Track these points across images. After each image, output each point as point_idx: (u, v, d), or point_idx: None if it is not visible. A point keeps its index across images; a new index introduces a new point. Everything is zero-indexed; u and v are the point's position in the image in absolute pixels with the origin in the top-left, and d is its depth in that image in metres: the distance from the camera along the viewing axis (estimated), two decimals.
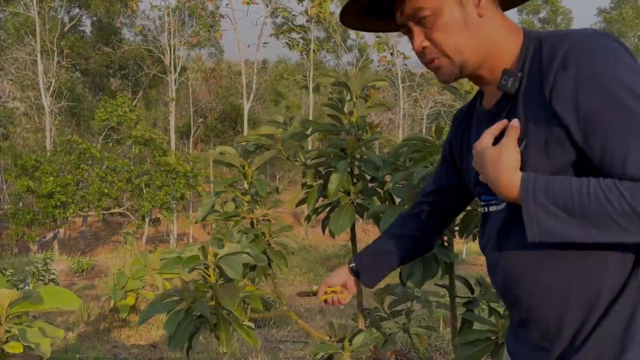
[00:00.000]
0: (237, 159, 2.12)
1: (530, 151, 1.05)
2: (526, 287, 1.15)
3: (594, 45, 0.98)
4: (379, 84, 2.23)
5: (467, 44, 1.11)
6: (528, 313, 1.17)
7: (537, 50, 1.07)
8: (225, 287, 1.68)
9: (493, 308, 1.93)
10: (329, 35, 30.35)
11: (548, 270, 1.09)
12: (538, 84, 1.03)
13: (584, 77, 0.96)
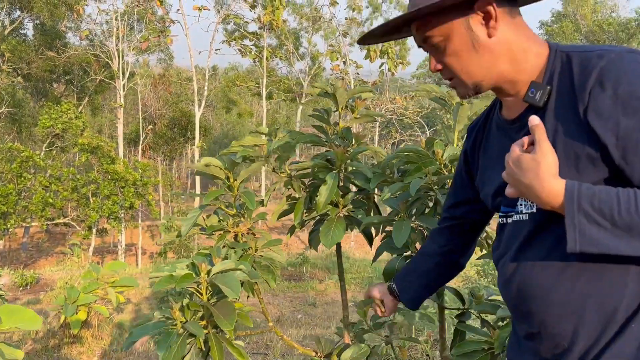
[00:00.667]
0: (221, 171, 2.05)
1: (560, 165, 1.03)
2: (541, 301, 1.13)
3: (629, 64, 0.99)
4: (365, 95, 2.21)
5: (478, 66, 1.12)
6: (540, 327, 1.16)
7: (566, 65, 1.07)
8: (219, 307, 1.61)
9: (485, 319, 1.93)
10: (281, 42, 30.33)
11: (566, 284, 1.08)
12: (570, 100, 1.03)
13: (623, 96, 0.96)
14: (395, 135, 29.37)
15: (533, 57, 1.11)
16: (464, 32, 1.10)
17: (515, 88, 1.14)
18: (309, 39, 33.08)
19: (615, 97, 0.97)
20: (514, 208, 1.17)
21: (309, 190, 2.16)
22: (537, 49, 1.12)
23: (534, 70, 1.11)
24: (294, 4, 32.14)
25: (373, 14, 32.01)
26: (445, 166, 1.91)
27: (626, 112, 0.96)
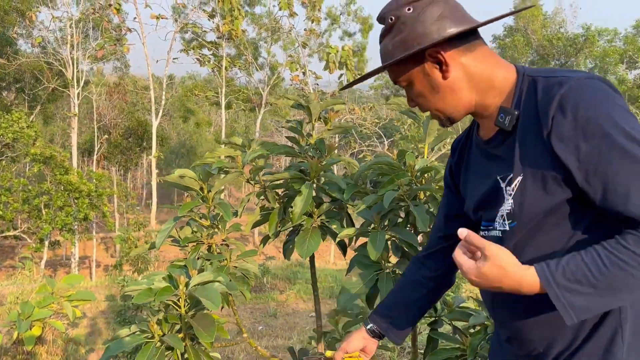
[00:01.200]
0: (196, 182, 2.05)
1: (528, 187, 1.13)
2: (515, 311, 1.21)
3: (588, 90, 1.06)
4: (337, 107, 2.25)
5: (443, 103, 1.23)
6: (517, 333, 1.23)
7: (532, 89, 1.14)
8: (198, 319, 1.60)
9: (456, 327, 1.99)
10: (240, 52, 30.23)
11: (538, 299, 1.14)
12: (535, 124, 1.11)
13: (582, 121, 1.03)
14: (354, 145, 29.64)
15: (499, 82, 1.19)
16: (422, 78, 1.21)
17: (487, 111, 1.22)
18: (268, 49, 33.09)
19: (575, 123, 1.04)
20: (493, 223, 1.23)
21: (283, 201, 2.17)
22: (504, 74, 1.20)
23: (503, 95, 1.19)
24: (252, 14, 32.14)
25: (331, 25, 32.29)
26: (417, 177, 1.96)
27: (585, 137, 1.03)
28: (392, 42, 1.21)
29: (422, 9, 1.17)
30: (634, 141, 1.00)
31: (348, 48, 25.17)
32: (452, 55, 1.17)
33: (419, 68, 1.20)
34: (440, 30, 1.16)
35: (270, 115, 39.45)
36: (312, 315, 13.72)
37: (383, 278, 1.86)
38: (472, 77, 1.19)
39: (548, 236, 1.14)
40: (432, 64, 1.19)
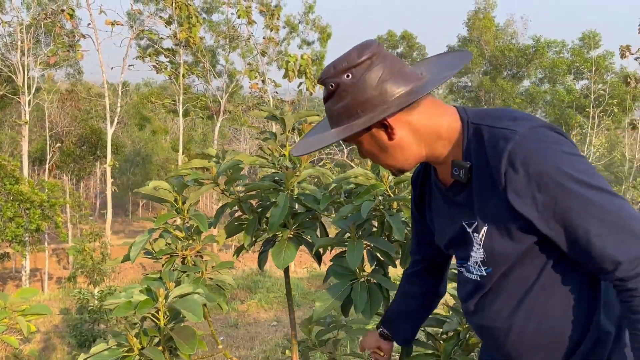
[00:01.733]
0: (170, 194, 2.04)
1: (495, 236, 1.18)
2: (502, 339, 1.28)
3: (533, 143, 1.09)
4: (311, 118, 2.28)
5: (393, 159, 1.26)
6: (506, 356, 1.30)
7: (479, 139, 1.18)
8: (178, 331, 1.60)
9: (430, 333, 2.04)
10: (198, 59, 29.96)
11: (520, 325, 1.23)
12: (489, 177, 1.15)
13: (534, 175, 1.08)
14: (314, 153, 29.75)
15: (445, 132, 1.22)
16: (370, 140, 1.24)
17: (439, 160, 1.26)
18: (226, 56, 32.89)
19: (528, 177, 1.08)
20: (466, 261, 1.30)
21: (257, 212, 2.19)
22: (448, 123, 1.22)
23: (451, 143, 1.22)
24: (210, 21, 31.91)
25: (290, 34, 32.40)
26: (391, 188, 2.01)
27: (540, 189, 1.08)
28: (335, 107, 1.21)
29: (360, 76, 1.17)
30: (583, 184, 1.06)
31: (307, 57, 25.31)
32: (397, 118, 1.18)
33: (366, 133, 1.22)
34: (383, 95, 1.16)
35: (228, 123, 39.18)
36: (274, 325, 13.65)
37: (357, 288, 1.89)
38: (418, 132, 1.21)
39: (522, 271, 1.20)
40: (378, 128, 1.20)
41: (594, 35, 31.40)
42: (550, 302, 1.19)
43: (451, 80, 36.14)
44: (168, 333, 1.63)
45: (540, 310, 1.20)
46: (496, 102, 32.24)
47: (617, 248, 1.04)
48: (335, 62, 1.20)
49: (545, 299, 1.19)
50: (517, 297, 1.22)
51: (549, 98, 32.01)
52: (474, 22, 34.06)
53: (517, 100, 32.14)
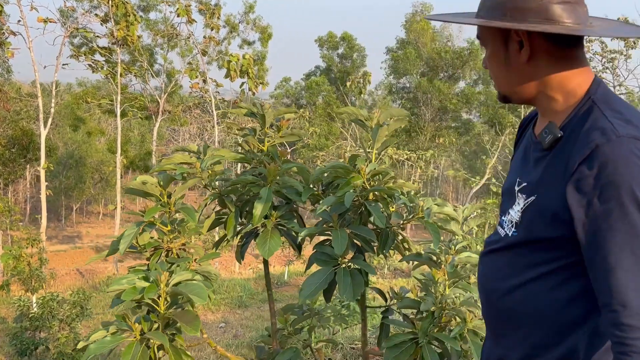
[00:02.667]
0: (157, 188, 2.10)
1: (535, 211, 1.17)
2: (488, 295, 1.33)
3: (626, 152, 1.02)
4: (288, 115, 2.39)
5: (507, 80, 1.23)
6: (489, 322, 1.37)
7: (583, 118, 1.12)
8: (180, 315, 1.68)
9: (406, 315, 2.20)
10: (135, 58, 29.22)
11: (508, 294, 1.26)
12: (566, 159, 1.10)
13: (604, 180, 1.02)
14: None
15: (565, 95, 1.17)
16: (500, 46, 1.20)
17: (544, 113, 1.23)
18: (164, 55, 32.26)
19: (598, 180, 1.03)
20: (504, 215, 1.30)
21: (239, 205, 2.28)
22: (574, 87, 1.17)
23: (562, 108, 1.18)
24: (147, 20, 31.20)
25: (231, 33, 32.16)
26: (368, 180, 2.15)
27: (601, 197, 1.03)
28: (491, 1, 1.18)
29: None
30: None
31: (249, 57, 25.24)
32: (543, 45, 1.15)
33: (502, 37, 1.19)
34: (544, 12, 1.12)
35: (166, 123, 38.38)
36: (222, 326, 13.55)
37: (340, 273, 2.02)
38: (548, 72, 1.17)
39: (539, 253, 1.19)
40: (516, 41, 1.17)
41: None
42: (540, 286, 1.19)
43: (390, 82, 36.94)
44: (168, 318, 1.70)
45: (530, 289, 1.21)
46: (433, 102, 33.20)
47: (637, 293, 1.01)
48: None
49: (539, 283, 1.19)
50: (520, 266, 1.22)
51: (483, 98, 33.30)
52: (411, 25, 34.95)
53: (453, 101, 33.24)
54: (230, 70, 24.62)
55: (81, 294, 10.36)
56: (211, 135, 33.87)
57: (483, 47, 1.26)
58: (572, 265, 1.14)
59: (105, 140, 46.19)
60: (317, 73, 38.20)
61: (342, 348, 3.64)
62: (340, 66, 36.90)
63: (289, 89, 38.44)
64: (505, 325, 1.29)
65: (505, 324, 1.28)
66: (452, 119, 35.49)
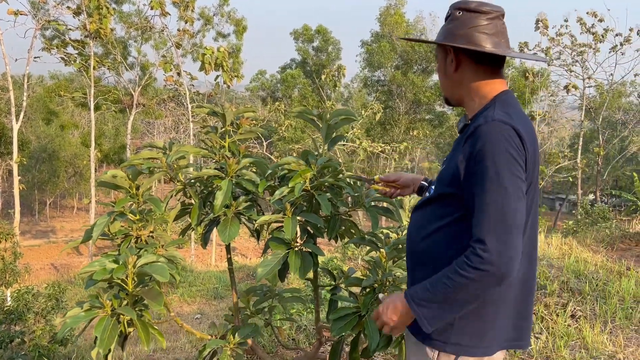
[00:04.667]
0: (126, 181, 2.32)
1: (442, 174, 1.67)
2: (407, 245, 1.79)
3: (494, 131, 1.49)
4: (248, 114, 2.63)
5: (445, 86, 1.76)
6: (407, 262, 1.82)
7: (483, 111, 1.62)
8: (146, 293, 1.91)
9: (352, 292, 2.46)
10: (108, 51, 29.01)
11: (420, 241, 1.72)
12: (463, 137, 1.61)
13: (478, 148, 1.49)
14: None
15: (480, 98, 1.66)
16: (444, 63, 1.72)
17: (468, 112, 1.71)
18: (138, 48, 32.07)
19: (474, 148, 1.50)
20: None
21: (202, 196, 2.51)
22: (486, 93, 1.66)
23: (478, 105, 1.66)
24: (120, 12, 30.96)
25: (205, 26, 32.11)
26: (318, 172, 2.40)
27: (475, 160, 1.49)
28: (442, 29, 1.71)
29: (467, 17, 1.64)
30: (496, 176, 1.46)
31: (224, 49, 25.25)
32: (466, 61, 1.66)
33: (444, 54, 1.70)
34: (469, 38, 1.62)
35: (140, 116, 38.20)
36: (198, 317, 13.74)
37: (292, 255, 2.27)
38: (468, 81, 1.67)
39: (438, 204, 1.65)
40: (453, 58, 1.67)
41: None
42: (444, 239, 1.61)
43: (365, 75, 37.25)
44: (135, 296, 1.94)
45: (434, 236, 1.64)
46: (407, 95, 33.65)
47: (481, 226, 1.46)
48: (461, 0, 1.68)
49: (442, 235, 1.62)
50: (427, 220, 1.67)
51: None
52: (385, 18, 35.26)
53: (427, 94, 33.72)
54: (205, 63, 24.62)
55: (56, 287, 10.47)
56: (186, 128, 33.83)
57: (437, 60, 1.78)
58: (459, 217, 1.58)
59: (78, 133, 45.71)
60: (293, 66, 38.33)
61: (305, 329, 3.91)
62: (315, 59, 37.08)
63: (265, 82, 38.53)
64: (412, 264, 1.74)
65: (416, 262, 1.72)
66: (425, 111, 36.01)
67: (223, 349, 2.46)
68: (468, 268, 1.45)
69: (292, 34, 37.23)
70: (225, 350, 2.45)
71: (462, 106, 1.74)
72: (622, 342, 3.77)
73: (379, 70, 36.67)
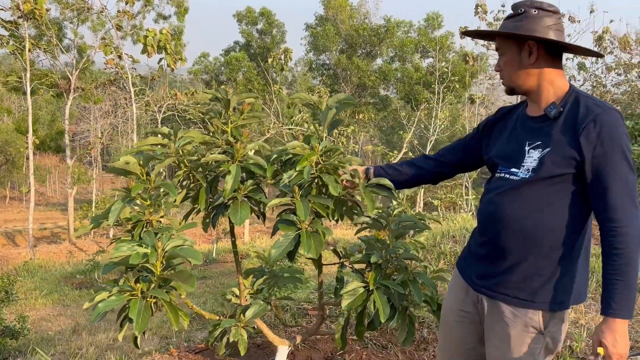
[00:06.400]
0: (138, 167, 2.36)
1: (550, 157, 1.79)
2: (501, 224, 1.90)
3: (613, 118, 1.73)
4: (248, 100, 2.70)
5: (517, 77, 1.90)
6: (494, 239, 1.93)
7: (576, 101, 1.81)
8: (177, 275, 1.98)
9: (356, 269, 2.60)
10: (42, 32, 27.68)
11: (521, 220, 1.85)
12: (573, 122, 1.77)
13: (602, 134, 1.71)
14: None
15: (555, 88, 1.86)
16: (517, 54, 1.87)
17: (538, 100, 1.89)
18: (74, 30, 30.75)
19: (599, 133, 1.71)
20: (515, 168, 1.88)
21: (209, 180, 2.57)
22: (560, 84, 1.86)
23: (555, 96, 1.86)
24: None
25: (145, 7, 31.13)
26: (321, 156, 2.51)
27: (602, 144, 1.71)
28: (512, 24, 1.86)
29: (542, 15, 1.83)
30: (625, 158, 1.72)
31: (166, 32, 24.64)
32: (543, 54, 1.84)
33: (517, 47, 1.86)
34: (545, 34, 1.81)
35: (76, 101, 36.73)
36: None
37: (304, 235, 2.38)
38: (543, 74, 1.86)
39: (549, 186, 1.79)
40: (527, 50, 1.83)
41: (437, 16, 34.23)
42: (552, 214, 1.78)
43: (310, 59, 37.25)
44: (163, 279, 2.00)
45: (543, 214, 1.79)
46: (353, 79, 33.97)
47: (623, 204, 1.69)
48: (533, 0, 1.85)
49: (551, 209, 1.78)
50: (534, 199, 1.81)
51: (399, 75, 34.46)
52: (329, 1, 35.31)
53: (371, 78, 34.15)
54: (147, 46, 23.97)
55: (5, 279, 10.14)
56: (126, 112, 32.82)
57: (499, 53, 1.93)
58: (573, 193, 1.77)
59: (10, 119, 43.49)
60: (237, 49, 37.84)
61: (290, 309, 4.04)
62: (260, 42, 36.74)
63: (208, 65, 37.87)
64: (513, 244, 1.85)
65: (515, 243, 1.84)
66: (370, 95, 36.48)
67: (233, 328, 2.55)
68: (639, 235, 1.69)
69: (235, 16, 36.71)
70: (237, 329, 2.54)
71: (527, 95, 1.93)
72: (583, 309, 4.11)
73: (324, 54, 36.77)
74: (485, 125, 2.15)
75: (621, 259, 1.68)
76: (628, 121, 6.81)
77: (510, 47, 1.89)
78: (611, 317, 1.69)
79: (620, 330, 1.68)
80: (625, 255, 1.68)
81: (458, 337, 2.10)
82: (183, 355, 3.34)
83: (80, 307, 13.08)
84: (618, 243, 1.69)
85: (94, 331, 10.37)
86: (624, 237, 1.68)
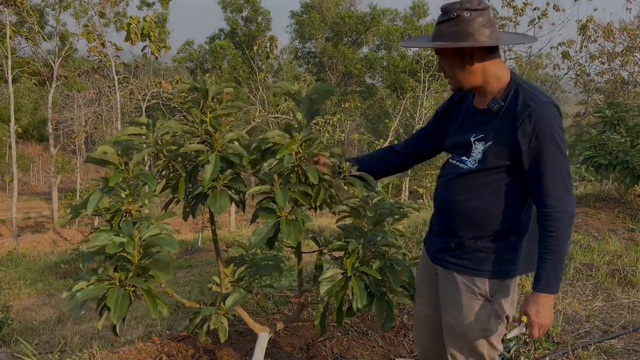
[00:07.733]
0: (117, 157, 2.36)
1: (492, 149, 1.96)
2: (449, 207, 2.10)
3: (547, 112, 1.88)
4: (227, 90, 2.70)
5: (462, 77, 1.99)
6: (447, 222, 2.13)
7: (515, 94, 1.93)
8: (154, 264, 2.00)
9: (335, 257, 2.63)
10: (23, 19, 27.24)
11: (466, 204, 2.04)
12: (512, 117, 1.91)
13: (537, 128, 1.86)
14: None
15: (497, 81, 1.98)
16: (456, 57, 1.95)
17: (484, 93, 2.02)
18: (56, 17, 30.27)
19: (533, 127, 1.86)
20: (465, 157, 2.04)
21: (189, 170, 2.58)
22: (502, 75, 1.97)
23: (497, 88, 1.98)
24: None
25: None
26: (301, 145, 2.53)
27: (537, 137, 1.86)
28: (447, 29, 1.91)
29: (475, 17, 1.88)
30: (558, 147, 1.86)
31: (150, 19, 24.35)
32: (481, 53, 1.93)
33: (458, 52, 1.94)
34: (481, 34, 1.88)
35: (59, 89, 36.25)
36: None
37: (283, 222, 2.40)
38: (485, 71, 1.96)
39: (491, 174, 1.97)
40: (467, 54, 1.93)
41: (422, 4, 34.18)
42: (494, 200, 1.97)
43: (296, 47, 37.09)
44: (141, 267, 2.02)
45: (485, 199, 1.98)
46: (339, 67, 33.90)
47: (556, 189, 1.86)
48: (462, 0, 1.89)
49: (492, 195, 1.97)
50: (477, 186, 1.99)
51: (385, 63, 34.43)
52: None
53: (357, 66, 34.10)
54: (131, 33, 23.68)
55: None
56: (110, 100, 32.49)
57: (441, 58, 2.01)
58: (513, 181, 1.95)
59: None
60: (222, 36, 37.55)
61: (272, 296, 4.07)
62: (245, 29, 36.48)
63: (193, 53, 37.55)
64: (461, 224, 2.06)
65: (462, 223, 2.06)
66: (356, 83, 36.45)
67: (213, 316, 2.58)
68: (570, 220, 1.87)
69: (220, 3, 36.37)
70: (217, 317, 2.57)
71: (474, 90, 2.05)
72: (560, 295, 4.19)
73: (310, 42, 36.62)
74: (442, 113, 2.28)
75: (553, 240, 1.88)
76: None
77: (451, 51, 1.97)
78: (537, 292, 1.92)
79: (545, 303, 1.91)
80: (557, 237, 1.87)
81: (426, 304, 2.37)
82: (165, 343, 3.36)
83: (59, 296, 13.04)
84: (551, 226, 1.87)
85: (79, 320, 10.35)
86: (556, 221, 1.87)
